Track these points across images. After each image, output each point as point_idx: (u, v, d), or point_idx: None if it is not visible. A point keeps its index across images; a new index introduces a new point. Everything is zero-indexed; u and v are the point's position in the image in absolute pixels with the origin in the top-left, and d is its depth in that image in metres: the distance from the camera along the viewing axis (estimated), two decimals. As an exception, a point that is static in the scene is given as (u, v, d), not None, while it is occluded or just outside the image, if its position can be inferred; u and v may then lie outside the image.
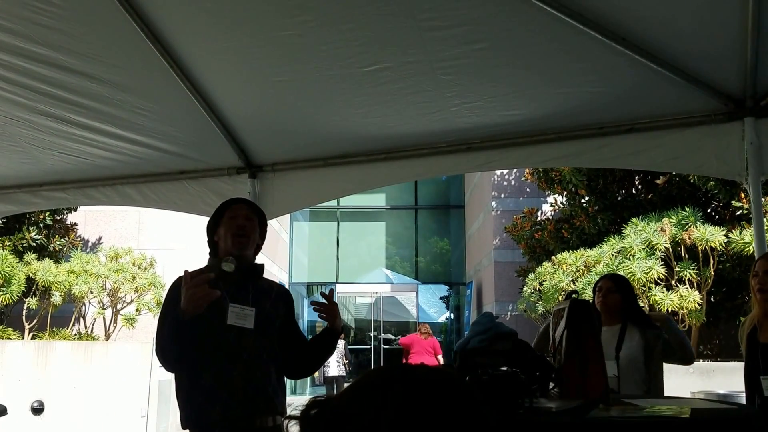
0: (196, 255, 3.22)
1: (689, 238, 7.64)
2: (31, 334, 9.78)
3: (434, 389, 0.81)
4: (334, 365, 12.70)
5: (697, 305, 7.53)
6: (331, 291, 2.74)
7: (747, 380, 3.00)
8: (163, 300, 2.65)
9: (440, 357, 11.79)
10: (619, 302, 3.42)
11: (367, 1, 2.67)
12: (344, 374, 12.96)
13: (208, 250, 2.75)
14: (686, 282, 7.65)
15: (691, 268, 7.66)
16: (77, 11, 2.81)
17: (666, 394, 3.38)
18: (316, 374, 12.78)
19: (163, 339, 2.44)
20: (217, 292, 2.32)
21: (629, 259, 7.68)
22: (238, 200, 2.81)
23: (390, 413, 0.78)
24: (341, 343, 12.87)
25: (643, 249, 7.75)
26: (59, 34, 2.90)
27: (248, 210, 2.73)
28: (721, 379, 7.05)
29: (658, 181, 9.34)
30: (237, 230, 2.62)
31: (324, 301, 2.66)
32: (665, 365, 3.47)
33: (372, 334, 19.15)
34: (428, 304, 19.44)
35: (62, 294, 9.73)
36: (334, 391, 12.24)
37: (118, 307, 10.34)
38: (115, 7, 2.77)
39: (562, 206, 10.72)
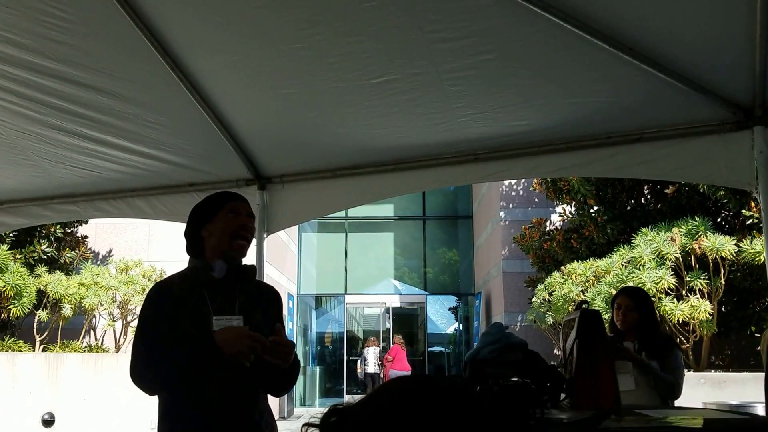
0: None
1: (699, 247, 7.60)
2: (41, 347, 9.82)
3: (450, 398, 0.83)
4: (372, 364, 15.06)
5: (708, 315, 7.48)
6: (279, 328, 2.26)
7: (767, 391, 2.96)
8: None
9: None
10: (639, 321, 3.43)
11: (375, 14, 2.68)
12: (378, 372, 15.29)
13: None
14: (697, 292, 7.61)
15: (702, 277, 7.61)
16: (88, 26, 2.84)
17: (677, 405, 3.36)
18: (358, 369, 15.59)
19: (139, 359, 2.20)
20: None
21: (639, 269, 7.65)
22: (237, 195, 2.44)
23: (406, 421, 0.80)
24: (377, 349, 15.64)
25: (653, 259, 7.71)
26: (70, 49, 2.93)
27: (249, 208, 2.40)
28: (733, 389, 7.00)
29: (667, 191, 9.30)
30: (239, 228, 2.30)
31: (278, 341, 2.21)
32: None
33: (381, 345, 19.12)
34: (437, 314, 19.38)
35: (73, 306, 9.78)
36: (372, 386, 14.51)
37: (128, 319, 10.37)
38: (125, 22, 2.80)
39: (570, 216, 10.70)
